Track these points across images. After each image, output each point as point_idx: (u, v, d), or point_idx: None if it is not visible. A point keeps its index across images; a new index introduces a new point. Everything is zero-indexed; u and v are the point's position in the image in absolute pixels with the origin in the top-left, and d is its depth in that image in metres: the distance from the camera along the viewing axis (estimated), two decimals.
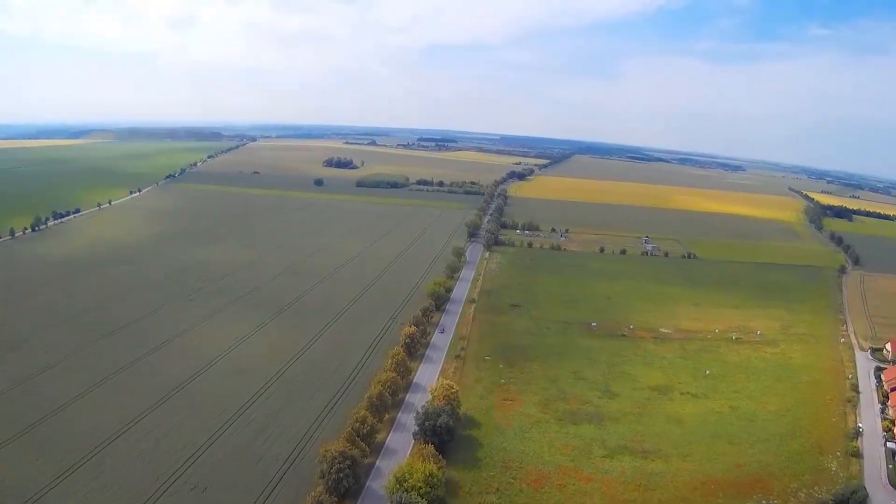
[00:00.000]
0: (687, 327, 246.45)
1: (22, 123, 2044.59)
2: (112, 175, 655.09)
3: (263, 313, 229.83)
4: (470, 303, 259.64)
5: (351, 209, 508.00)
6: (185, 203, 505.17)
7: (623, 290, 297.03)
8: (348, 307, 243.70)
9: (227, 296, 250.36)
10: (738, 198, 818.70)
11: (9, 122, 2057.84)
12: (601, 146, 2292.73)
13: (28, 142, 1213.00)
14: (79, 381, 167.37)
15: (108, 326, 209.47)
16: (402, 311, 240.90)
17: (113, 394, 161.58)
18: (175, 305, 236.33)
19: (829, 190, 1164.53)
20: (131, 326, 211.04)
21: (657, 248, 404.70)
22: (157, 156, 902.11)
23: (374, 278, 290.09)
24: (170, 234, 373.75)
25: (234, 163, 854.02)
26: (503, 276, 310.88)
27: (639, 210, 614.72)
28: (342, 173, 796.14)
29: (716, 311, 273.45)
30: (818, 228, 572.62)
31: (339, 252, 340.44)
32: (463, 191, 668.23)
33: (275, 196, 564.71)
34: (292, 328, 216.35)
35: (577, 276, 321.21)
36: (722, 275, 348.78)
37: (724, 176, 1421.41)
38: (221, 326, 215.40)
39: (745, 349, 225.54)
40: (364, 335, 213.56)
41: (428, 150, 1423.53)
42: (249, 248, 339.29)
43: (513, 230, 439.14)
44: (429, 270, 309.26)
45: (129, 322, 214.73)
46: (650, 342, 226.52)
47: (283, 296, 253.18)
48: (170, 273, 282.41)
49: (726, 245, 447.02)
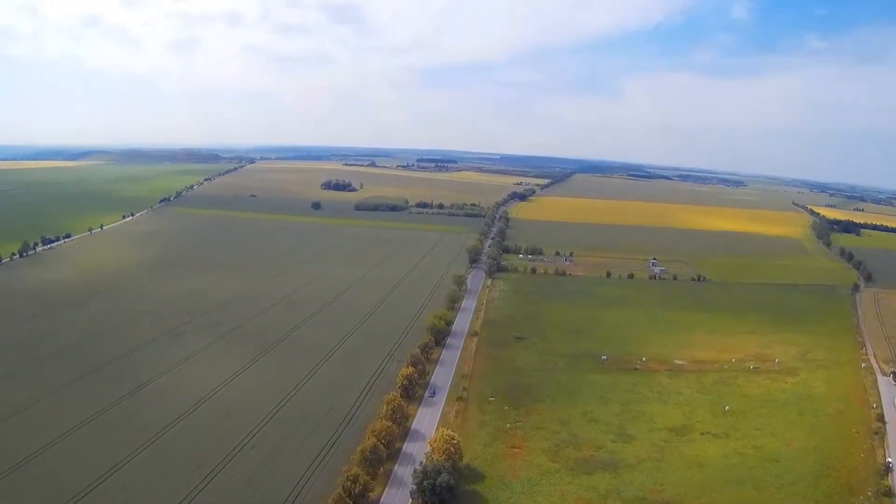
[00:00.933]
0: (702, 357, 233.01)
1: (22, 145, 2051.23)
2: (107, 198, 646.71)
3: (253, 350, 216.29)
4: (472, 336, 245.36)
5: (349, 234, 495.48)
6: (178, 228, 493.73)
7: (633, 318, 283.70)
8: (343, 342, 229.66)
9: (216, 330, 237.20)
10: (743, 214, 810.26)
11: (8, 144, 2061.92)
12: (602, 164, 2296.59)
13: (25, 163, 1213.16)
14: (54, 425, 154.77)
15: (90, 364, 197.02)
16: (400, 345, 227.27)
17: (89, 441, 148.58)
18: (161, 341, 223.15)
19: (832, 203, 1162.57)
20: (114, 364, 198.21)
21: (665, 271, 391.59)
22: (154, 179, 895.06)
23: (371, 309, 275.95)
24: (160, 261, 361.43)
25: (232, 186, 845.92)
26: (507, 306, 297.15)
27: (643, 230, 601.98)
28: (341, 196, 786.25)
29: (731, 338, 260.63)
30: (826, 244, 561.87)
31: (336, 281, 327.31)
32: (463, 213, 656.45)
33: (271, 221, 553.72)
34: (283, 366, 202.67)
35: (584, 304, 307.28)
36: (734, 298, 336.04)
37: (726, 192, 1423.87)
38: (208, 364, 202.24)
39: (764, 380, 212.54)
40: (359, 374, 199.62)
41: (428, 171, 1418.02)
42: (242, 278, 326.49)
43: (515, 255, 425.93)
44: (429, 300, 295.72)
45: (112, 359, 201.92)
46: (664, 375, 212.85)
47: (275, 330, 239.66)
48: (158, 305, 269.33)
49: (736, 265, 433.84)
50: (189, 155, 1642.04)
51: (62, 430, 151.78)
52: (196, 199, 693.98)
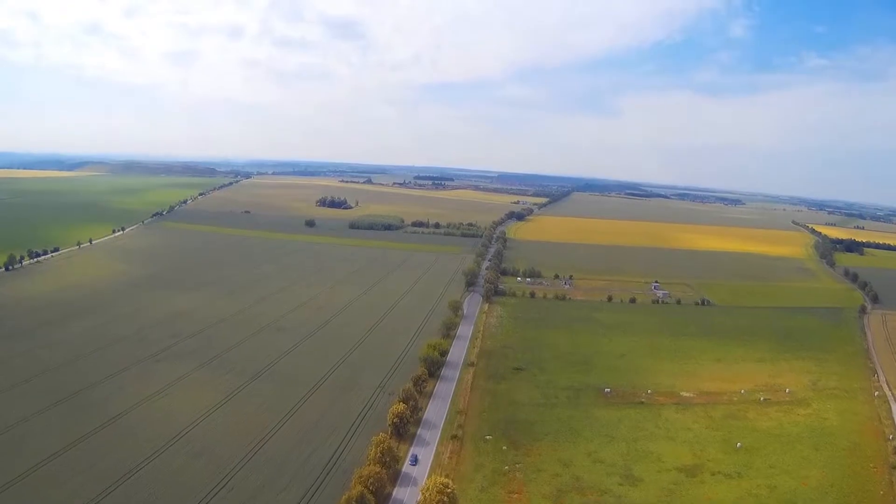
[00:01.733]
0: (710, 388, 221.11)
1: (19, 152, 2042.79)
2: (99, 210, 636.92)
3: (235, 380, 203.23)
4: (468, 367, 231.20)
5: (342, 254, 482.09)
6: (168, 244, 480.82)
7: (637, 346, 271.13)
8: (331, 373, 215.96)
9: (197, 357, 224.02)
10: (744, 234, 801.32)
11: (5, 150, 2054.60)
12: (599, 182, 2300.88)
13: (19, 172, 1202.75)
14: (14, 462, 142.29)
15: (61, 392, 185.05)
16: (392, 376, 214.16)
17: (44, 485, 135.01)
18: (139, 368, 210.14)
19: (832, 221, 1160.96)
20: (86, 394, 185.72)
21: (668, 295, 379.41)
22: (148, 191, 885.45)
23: (361, 336, 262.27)
24: (146, 279, 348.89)
25: (226, 201, 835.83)
26: (505, 333, 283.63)
27: (644, 251, 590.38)
28: (335, 214, 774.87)
29: (739, 366, 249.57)
30: (830, 264, 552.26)
31: (326, 305, 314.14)
32: (460, 233, 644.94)
33: (263, 239, 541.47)
34: (265, 400, 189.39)
35: (586, 331, 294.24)
36: (740, 323, 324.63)
37: (725, 210, 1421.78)
38: (186, 396, 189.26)
39: (775, 412, 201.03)
40: (347, 410, 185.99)
41: (424, 189, 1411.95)
42: (229, 299, 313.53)
43: (513, 277, 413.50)
44: (423, 326, 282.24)
45: (85, 387, 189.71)
46: (672, 409, 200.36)
47: (260, 358, 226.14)
48: (140, 327, 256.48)
49: (740, 288, 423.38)
50: (186, 168, 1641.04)
51: (17, 472, 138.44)
52: (189, 214, 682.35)
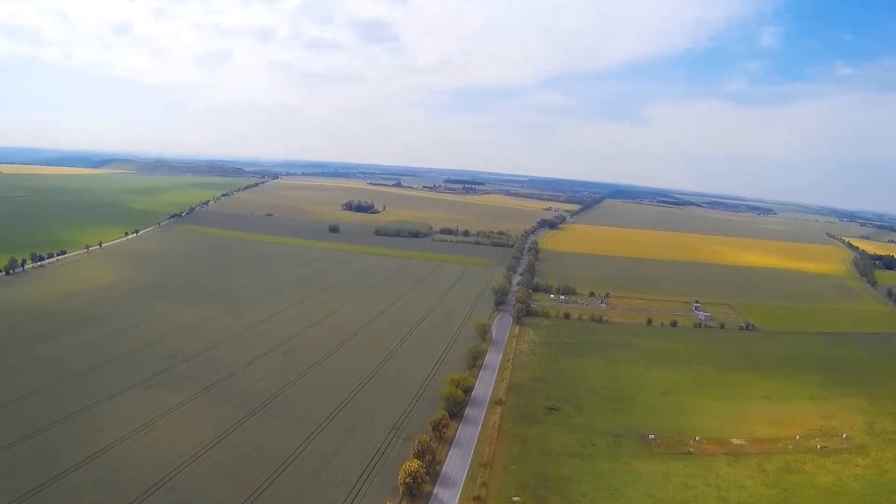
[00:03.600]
0: (762, 434, 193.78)
1: (48, 149, 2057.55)
2: (116, 210, 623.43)
3: (231, 415, 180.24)
4: (495, 405, 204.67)
5: (365, 265, 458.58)
6: (180, 250, 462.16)
7: (680, 381, 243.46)
8: (340, 409, 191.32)
9: (193, 384, 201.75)
10: (780, 248, 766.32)
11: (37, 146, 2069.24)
12: (631, 189, 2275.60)
13: (43, 168, 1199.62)
14: None
15: (39, 421, 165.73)
16: (408, 416, 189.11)
17: None
18: (129, 395, 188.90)
19: (865, 234, 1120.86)
20: (65, 424, 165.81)
21: (710, 318, 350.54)
22: (170, 191, 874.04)
23: (377, 364, 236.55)
24: (150, 289, 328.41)
25: (249, 203, 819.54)
26: (537, 362, 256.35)
27: (681, 266, 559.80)
28: (361, 218, 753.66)
29: (790, 405, 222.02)
30: (871, 283, 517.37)
31: (342, 324, 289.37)
32: (490, 242, 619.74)
33: (283, 245, 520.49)
34: (262, 441, 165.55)
35: (625, 360, 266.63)
36: (787, 352, 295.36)
37: (757, 221, 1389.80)
38: (176, 432, 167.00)
39: (833, 464, 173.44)
40: (354, 458, 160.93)
41: (454, 193, 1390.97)
42: (238, 315, 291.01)
43: (546, 294, 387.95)
44: (446, 354, 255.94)
45: (67, 416, 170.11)
46: (722, 461, 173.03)
47: (262, 388, 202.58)
48: (135, 345, 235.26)
49: (783, 310, 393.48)
50: (212, 167, 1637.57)
51: None
52: (208, 217, 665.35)
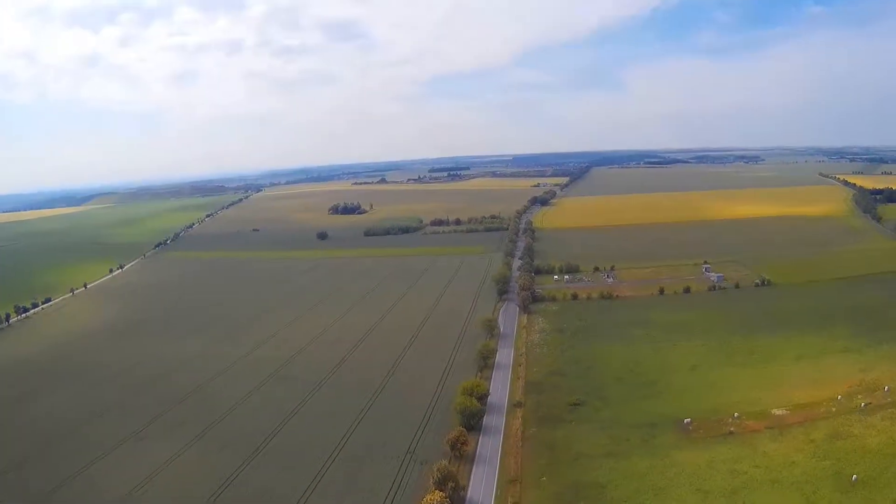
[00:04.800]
0: (802, 399, 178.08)
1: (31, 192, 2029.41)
2: (99, 248, 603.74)
3: (231, 461, 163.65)
4: (515, 409, 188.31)
5: (357, 269, 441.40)
6: (167, 280, 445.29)
7: (706, 353, 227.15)
8: (347, 437, 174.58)
9: (189, 428, 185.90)
10: (775, 195, 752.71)
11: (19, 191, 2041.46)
12: (616, 155, 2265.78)
13: (23, 214, 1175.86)
14: None
15: (35, 487, 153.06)
16: (422, 435, 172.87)
17: None
18: (119, 452, 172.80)
19: (858, 169, 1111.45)
20: (61, 492, 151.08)
21: (723, 279, 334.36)
22: (154, 219, 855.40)
23: (382, 379, 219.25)
24: (138, 327, 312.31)
25: (234, 220, 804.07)
26: (551, 354, 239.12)
27: (681, 228, 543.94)
28: (349, 221, 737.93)
29: (824, 362, 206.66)
30: (876, 219, 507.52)
31: (341, 338, 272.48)
32: (484, 228, 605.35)
33: (272, 260, 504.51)
34: (267, 487, 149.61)
35: (644, 338, 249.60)
36: (808, 305, 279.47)
37: (747, 170, 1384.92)
38: (171, 488, 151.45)
39: (882, 421, 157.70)
40: (366, 499, 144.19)
41: (440, 182, 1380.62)
42: (230, 342, 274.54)
43: (549, 276, 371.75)
44: (454, 357, 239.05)
45: (60, 483, 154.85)
46: (767, 437, 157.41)
47: (261, 424, 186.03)
48: (126, 391, 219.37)
49: (794, 260, 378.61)
50: (194, 188, 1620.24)
51: None
52: (194, 241, 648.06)
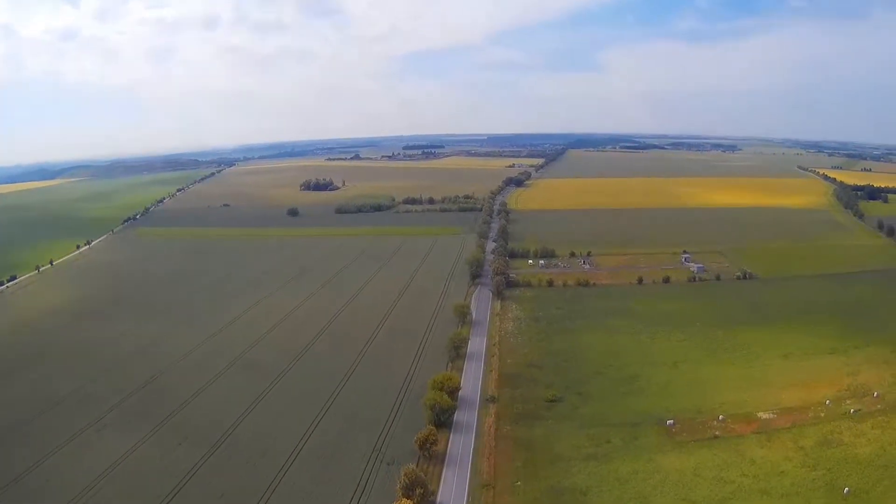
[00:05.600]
0: (790, 402, 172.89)
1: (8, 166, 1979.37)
2: (69, 223, 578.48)
3: (189, 455, 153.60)
4: (488, 404, 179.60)
5: (327, 248, 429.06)
6: (134, 258, 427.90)
7: (688, 347, 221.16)
8: (310, 432, 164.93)
9: (147, 419, 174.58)
10: (754, 184, 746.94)
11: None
12: (591, 137, 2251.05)
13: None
14: None
15: None
16: (390, 433, 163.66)
17: None
18: (75, 444, 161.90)
19: (837, 164, 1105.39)
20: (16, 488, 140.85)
21: (703, 269, 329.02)
22: (125, 193, 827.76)
23: (348, 368, 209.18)
24: (101, 308, 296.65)
25: (205, 195, 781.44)
26: (527, 344, 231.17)
27: (658, 214, 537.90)
28: (321, 197, 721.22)
29: (811, 362, 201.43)
30: (858, 215, 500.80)
31: (306, 322, 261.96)
32: (457, 208, 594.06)
33: (240, 238, 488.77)
34: (224, 488, 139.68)
35: (624, 329, 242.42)
36: (793, 299, 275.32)
37: (724, 158, 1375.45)
38: (128, 483, 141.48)
39: (871, 429, 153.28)
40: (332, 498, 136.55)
41: (414, 160, 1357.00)
42: (193, 326, 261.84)
43: (524, 260, 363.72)
44: (425, 344, 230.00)
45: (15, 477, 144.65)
46: (754, 442, 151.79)
47: (221, 416, 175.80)
48: (82, 381, 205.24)
49: (776, 252, 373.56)
50: (167, 163, 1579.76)
51: None
52: (163, 216, 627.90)
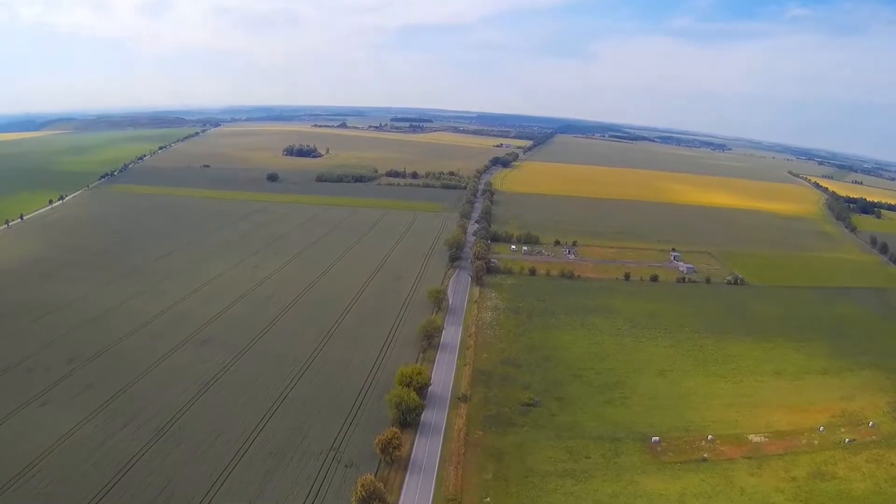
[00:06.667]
0: (781, 425, 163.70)
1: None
2: (45, 176, 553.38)
3: (133, 439, 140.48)
4: (459, 403, 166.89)
5: (304, 217, 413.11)
6: (107, 216, 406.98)
7: (676, 355, 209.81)
8: (263, 423, 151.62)
9: (94, 395, 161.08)
10: (745, 187, 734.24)
11: None
12: (581, 124, 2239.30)
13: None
14: None
15: None
16: (350, 429, 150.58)
17: None
18: (22, 415, 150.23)
19: (827, 174, 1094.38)
20: None
21: (693, 270, 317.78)
22: (106, 149, 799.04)
23: (312, 351, 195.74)
24: (64, 268, 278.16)
25: (187, 154, 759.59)
26: (504, 337, 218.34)
27: (648, 208, 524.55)
28: (303, 164, 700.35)
29: (804, 383, 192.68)
30: (850, 229, 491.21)
31: (273, 296, 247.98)
32: (441, 184, 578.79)
33: (216, 200, 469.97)
34: (169, 479, 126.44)
35: (607, 329, 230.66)
36: (784, 312, 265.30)
37: (715, 157, 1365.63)
38: (68, 466, 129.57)
39: (866, 463, 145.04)
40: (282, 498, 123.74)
41: (401, 133, 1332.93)
42: (156, 293, 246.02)
43: (506, 244, 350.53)
44: (396, 330, 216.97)
45: None
46: (744, 469, 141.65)
47: (172, 396, 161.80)
48: (36, 345, 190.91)
49: (768, 260, 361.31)
50: (153, 119, 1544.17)
51: None
52: (142, 174, 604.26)
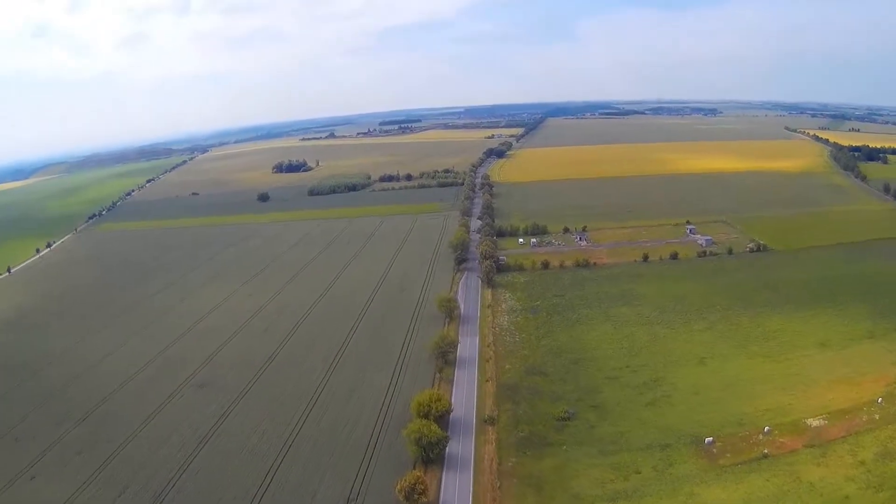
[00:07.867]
0: (838, 403, 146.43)
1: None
2: (32, 224, 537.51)
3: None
4: (485, 426, 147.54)
5: (298, 234, 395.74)
6: (92, 258, 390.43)
7: (713, 339, 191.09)
8: (269, 478, 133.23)
9: (85, 461, 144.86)
10: (745, 148, 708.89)
11: None
12: (570, 106, 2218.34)
13: None
14: None
15: None
16: (367, 477, 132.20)
17: None
18: (8, 495, 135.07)
19: (824, 125, 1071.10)
20: None
21: (712, 242, 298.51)
22: (95, 188, 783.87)
23: (317, 386, 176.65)
24: (52, 320, 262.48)
25: (175, 184, 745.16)
26: (525, 343, 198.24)
27: (652, 182, 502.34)
28: (293, 179, 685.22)
29: (852, 351, 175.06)
30: (860, 178, 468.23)
31: (270, 327, 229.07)
32: (437, 183, 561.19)
33: (207, 227, 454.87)
34: None
35: (635, 319, 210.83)
36: (814, 276, 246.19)
37: (707, 122, 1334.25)
38: None
39: None
40: None
41: (391, 136, 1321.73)
42: (146, 336, 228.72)
43: (513, 238, 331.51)
44: (407, 351, 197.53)
45: None
46: (808, 460, 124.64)
47: (167, 456, 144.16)
48: (23, 410, 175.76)
49: (785, 222, 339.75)
50: (141, 153, 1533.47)
51: None
52: (130, 209, 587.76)
